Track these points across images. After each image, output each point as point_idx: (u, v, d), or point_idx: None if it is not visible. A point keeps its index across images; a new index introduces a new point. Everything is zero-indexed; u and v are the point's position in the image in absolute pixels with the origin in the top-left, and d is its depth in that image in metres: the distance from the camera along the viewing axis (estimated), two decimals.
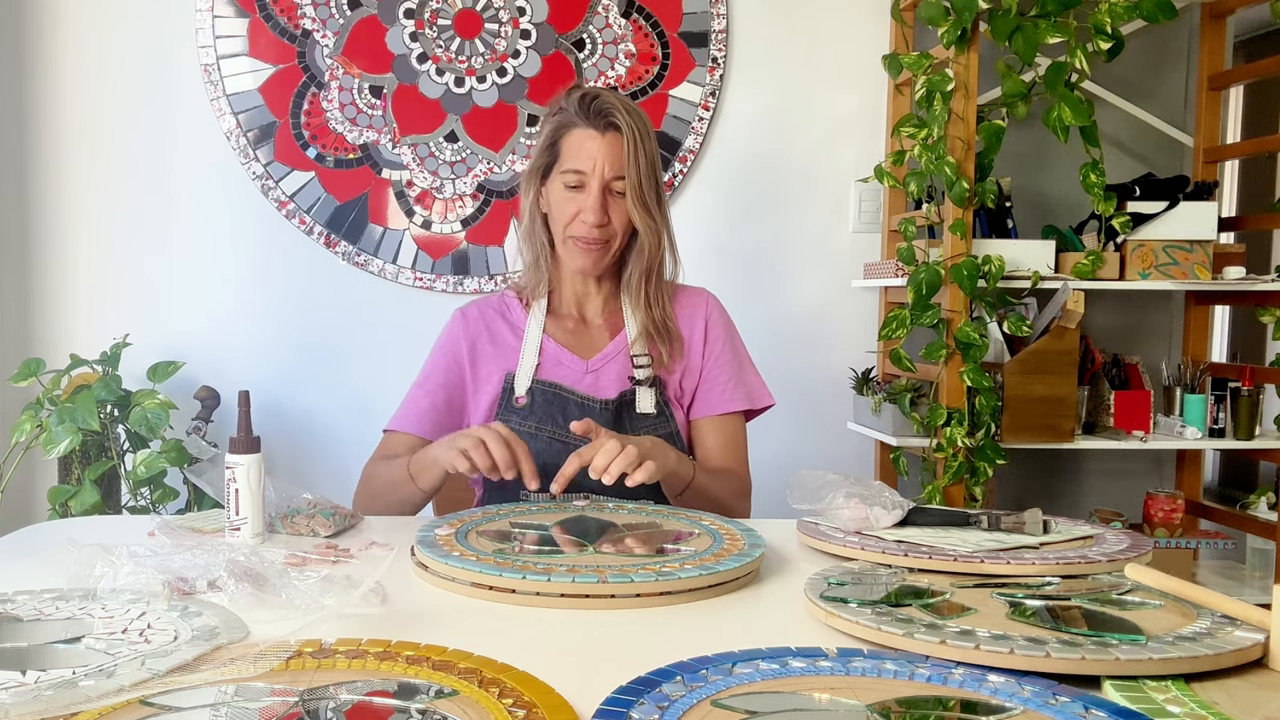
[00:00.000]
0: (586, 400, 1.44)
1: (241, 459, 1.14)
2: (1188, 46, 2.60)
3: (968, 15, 2.07)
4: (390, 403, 1.56)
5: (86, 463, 2.14)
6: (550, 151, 1.45)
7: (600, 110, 1.40)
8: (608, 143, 1.39)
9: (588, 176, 1.40)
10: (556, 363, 1.48)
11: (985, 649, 0.75)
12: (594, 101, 1.40)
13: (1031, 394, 2.19)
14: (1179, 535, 2.40)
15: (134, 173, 2.38)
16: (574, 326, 1.53)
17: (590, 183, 1.40)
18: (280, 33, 2.36)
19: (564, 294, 1.54)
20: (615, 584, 0.93)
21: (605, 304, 1.54)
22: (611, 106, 1.40)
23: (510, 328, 1.53)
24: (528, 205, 1.49)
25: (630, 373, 1.48)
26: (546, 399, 1.44)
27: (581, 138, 1.40)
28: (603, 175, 1.39)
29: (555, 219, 1.46)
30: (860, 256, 2.52)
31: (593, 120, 1.40)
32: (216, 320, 2.41)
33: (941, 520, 1.18)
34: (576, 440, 1.39)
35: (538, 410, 1.44)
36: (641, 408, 1.46)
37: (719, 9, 2.44)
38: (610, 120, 1.40)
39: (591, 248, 1.43)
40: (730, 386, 1.53)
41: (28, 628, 0.82)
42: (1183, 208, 2.29)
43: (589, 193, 1.40)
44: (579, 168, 1.40)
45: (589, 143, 1.40)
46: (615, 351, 1.50)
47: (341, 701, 0.68)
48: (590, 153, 1.39)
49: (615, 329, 1.52)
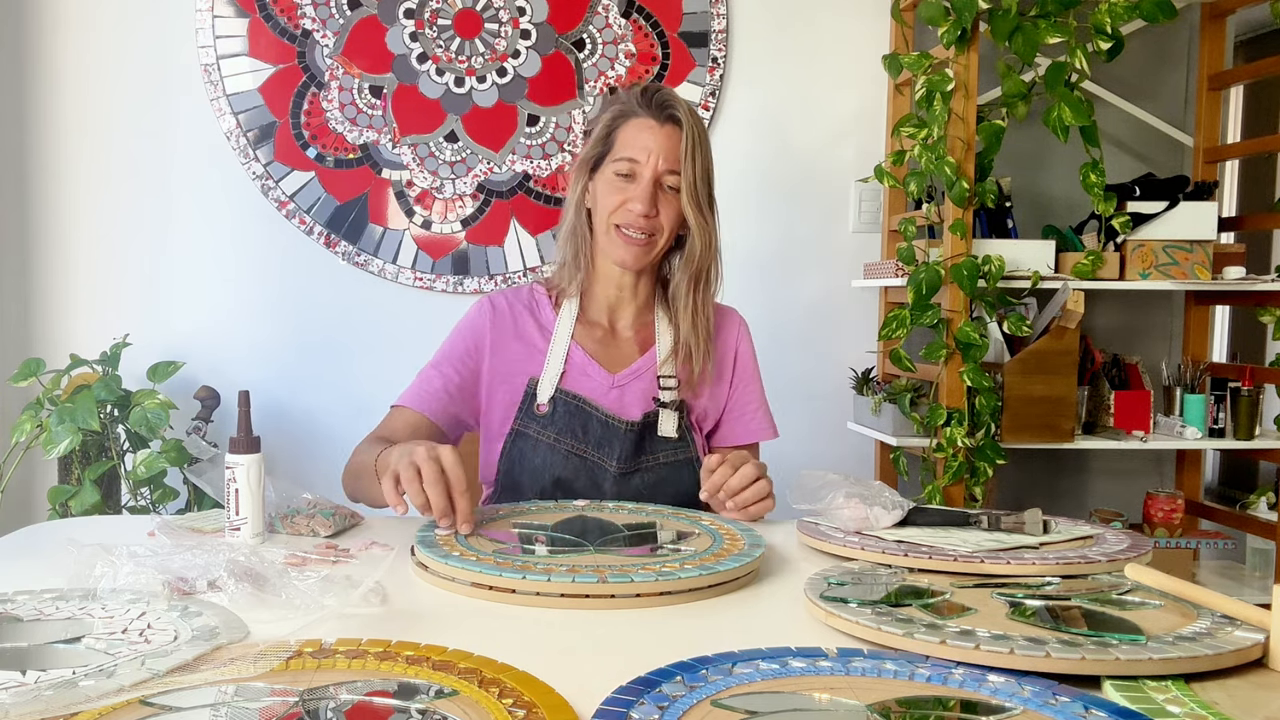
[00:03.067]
0: (610, 419, 1.39)
1: (241, 459, 1.14)
2: (1188, 46, 2.60)
3: (968, 15, 2.07)
4: (391, 402, 1.55)
5: (86, 463, 2.14)
6: (604, 142, 1.39)
7: (662, 102, 1.37)
8: (665, 134, 1.36)
9: (641, 166, 1.36)
10: (583, 373, 1.42)
11: (985, 649, 0.75)
12: (656, 94, 1.38)
13: (1031, 394, 2.19)
14: (1179, 535, 2.40)
15: (134, 173, 2.38)
16: (603, 336, 1.47)
17: (643, 172, 1.36)
18: (280, 33, 2.36)
19: (597, 298, 1.48)
20: (615, 584, 0.93)
21: (637, 315, 1.49)
22: (674, 101, 1.38)
23: (539, 327, 1.46)
24: (573, 199, 1.43)
25: (655, 393, 1.43)
26: (569, 411, 1.39)
27: (639, 127, 1.37)
28: (655, 166, 1.36)
29: (601, 209, 1.40)
30: (860, 256, 2.52)
31: (653, 111, 1.37)
32: (216, 320, 2.41)
33: (941, 520, 1.18)
34: (594, 456, 1.38)
35: (559, 421, 1.39)
36: (664, 430, 1.42)
37: (719, 9, 2.44)
38: (671, 113, 1.37)
39: (636, 240, 1.38)
40: (759, 415, 1.50)
41: (28, 628, 0.82)
42: (1183, 208, 2.29)
43: (639, 181, 1.36)
44: (633, 156, 1.36)
45: (646, 133, 1.36)
46: (643, 369, 1.45)
47: (341, 701, 0.68)
48: (646, 142, 1.36)
49: (645, 344, 1.47)
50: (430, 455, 1.09)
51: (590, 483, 1.38)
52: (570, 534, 1.12)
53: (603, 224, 1.40)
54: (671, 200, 1.38)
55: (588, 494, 1.38)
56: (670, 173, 1.36)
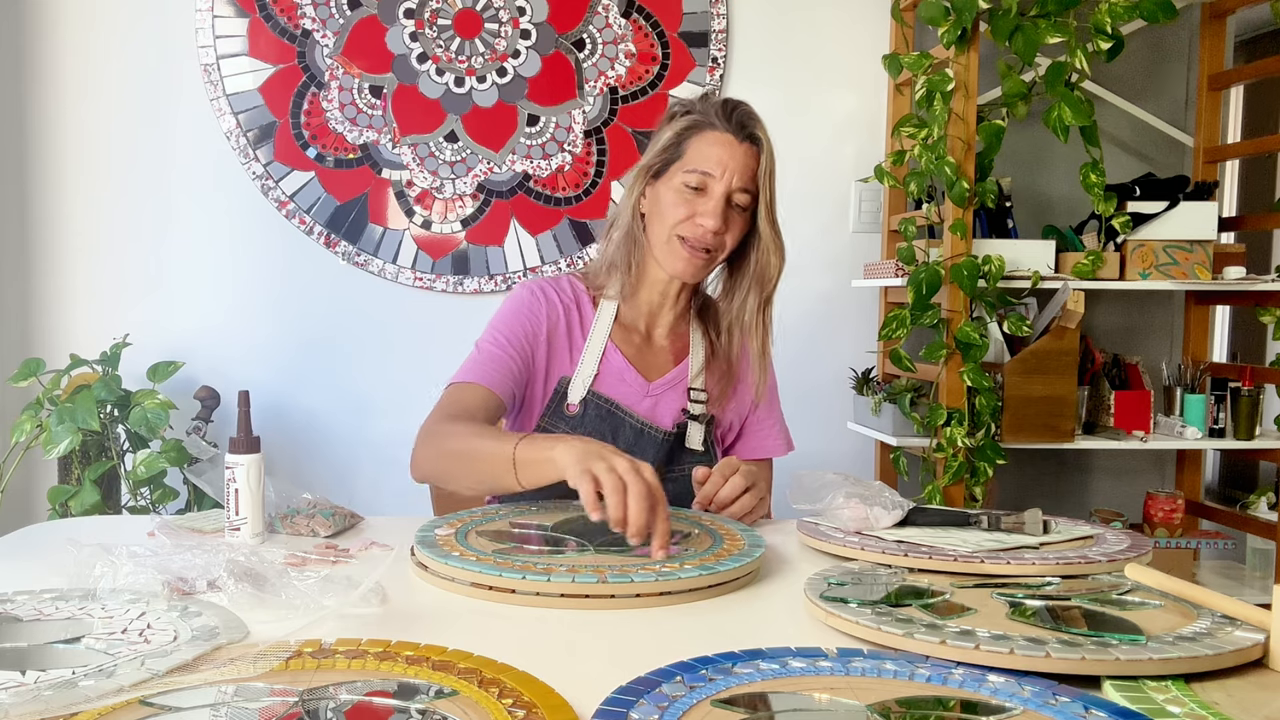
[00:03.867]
0: (645, 426, 1.38)
1: (241, 459, 1.14)
2: (1188, 46, 2.60)
3: (968, 15, 2.07)
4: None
5: (86, 463, 2.14)
6: (673, 150, 1.35)
7: (742, 120, 1.34)
8: (744, 151, 1.33)
9: (714, 180, 1.32)
10: (619, 378, 1.40)
11: (985, 649, 0.75)
12: (737, 109, 1.35)
13: (1031, 394, 2.18)
14: (1179, 535, 2.40)
15: (134, 172, 2.38)
16: (639, 342, 1.44)
17: (715, 187, 1.32)
18: (280, 33, 2.36)
19: (638, 304, 1.44)
20: (615, 584, 0.93)
21: (674, 325, 1.46)
22: (755, 119, 1.35)
23: (579, 324, 1.43)
24: (630, 202, 1.39)
25: (685, 404, 1.42)
26: (600, 414, 1.37)
27: (716, 140, 1.33)
28: (729, 183, 1.32)
29: (662, 219, 1.36)
30: (860, 256, 2.52)
31: (733, 127, 1.33)
32: (216, 320, 2.41)
33: (941, 520, 1.18)
34: None
35: (589, 423, 1.36)
36: (690, 443, 1.41)
37: (719, 9, 2.44)
38: (751, 132, 1.34)
39: (698, 254, 1.35)
40: (778, 430, 1.50)
41: (28, 628, 0.82)
42: (1183, 208, 2.29)
43: (711, 196, 1.32)
44: (707, 169, 1.32)
45: (722, 148, 1.32)
46: (677, 379, 1.43)
47: (341, 701, 0.68)
48: (722, 157, 1.32)
49: (679, 355, 1.46)
50: (634, 468, 1.02)
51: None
52: (570, 534, 1.12)
53: (664, 233, 1.36)
54: (737, 219, 1.35)
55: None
56: (741, 191, 1.33)
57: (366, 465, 2.43)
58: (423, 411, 1.55)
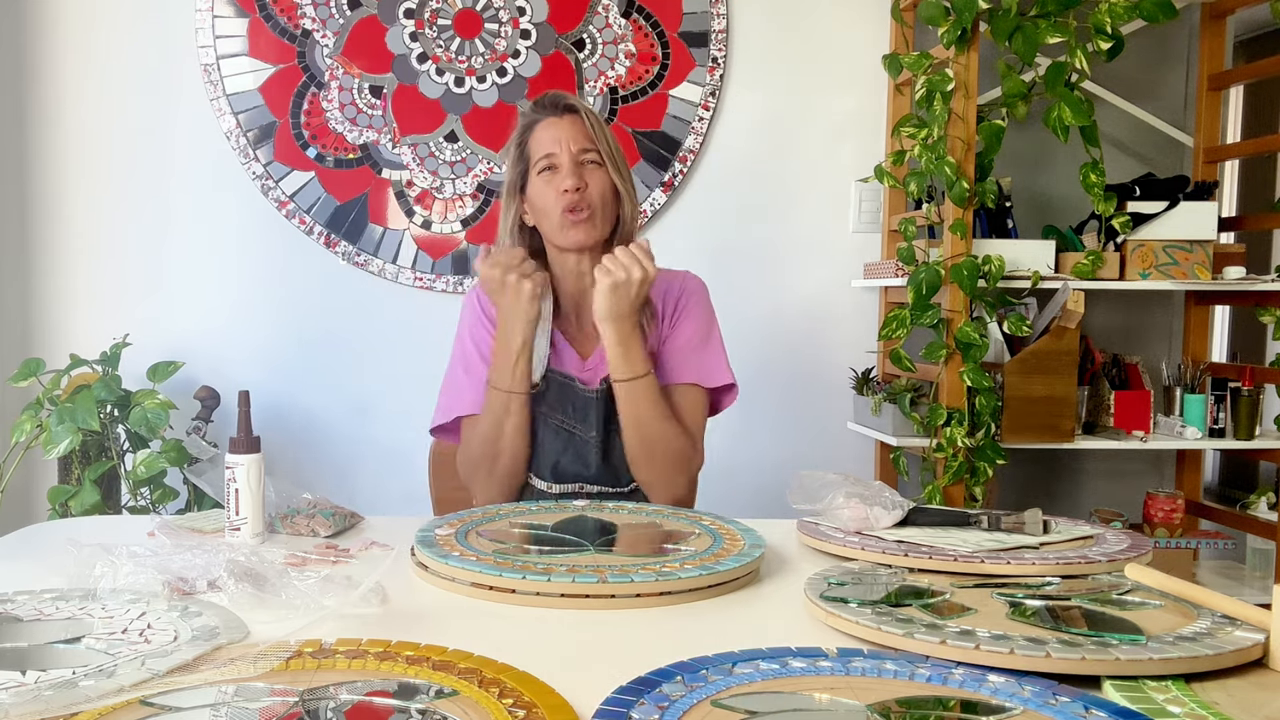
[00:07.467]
0: (588, 392, 1.48)
1: (241, 459, 1.14)
2: (1188, 46, 2.60)
3: (968, 15, 2.07)
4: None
5: (86, 463, 2.14)
6: (521, 159, 1.50)
7: (553, 100, 1.49)
8: (568, 123, 1.46)
9: (557, 155, 1.45)
10: (563, 358, 1.52)
11: (985, 649, 0.75)
12: (546, 94, 1.51)
13: (1031, 394, 2.19)
14: (1179, 535, 2.40)
15: (134, 172, 2.38)
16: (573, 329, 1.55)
17: (561, 158, 1.45)
18: (280, 33, 2.36)
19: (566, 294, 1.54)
20: (615, 584, 0.93)
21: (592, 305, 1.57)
22: (565, 95, 1.50)
23: None
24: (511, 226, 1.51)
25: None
26: (558, 387, 1.48)
27: (544, 126, 1.47)
28: (570, 150, 1.45)
29: (545, 211, 1.47)
30: (860, 256, 2.52)
31: (550, 109, 1.48)
32: (216, 320, 2.41)
33: (941, 520, 1.18)
34: (580, 431, 1.46)
35: (550, 397, 1.48)
36: None
37: (719, 9, 2.44)
38: (566, 104, 1.48)
39: (580, 217, 1.45)
40: (691, 359, 1.53)
41: (28, 628, 0.82)
42: (1183, 208, 2.29)
43: (562, 166, 1.45)
44: (548, 150, 1.46)
45: (551, 128, 1.46)
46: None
47: (341, 701, 0.68)
48: (555, 135, 1.46)
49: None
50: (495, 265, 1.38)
51: (576, 456, 1.47)
52: (571, 534, 1.12)
53: (552, 220, 1.46)
54: (595, 173, 1.46)
55: (575, 467, 1.46)
56: (584, 151, 1.46)
57: (367, 465, 2.43)
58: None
